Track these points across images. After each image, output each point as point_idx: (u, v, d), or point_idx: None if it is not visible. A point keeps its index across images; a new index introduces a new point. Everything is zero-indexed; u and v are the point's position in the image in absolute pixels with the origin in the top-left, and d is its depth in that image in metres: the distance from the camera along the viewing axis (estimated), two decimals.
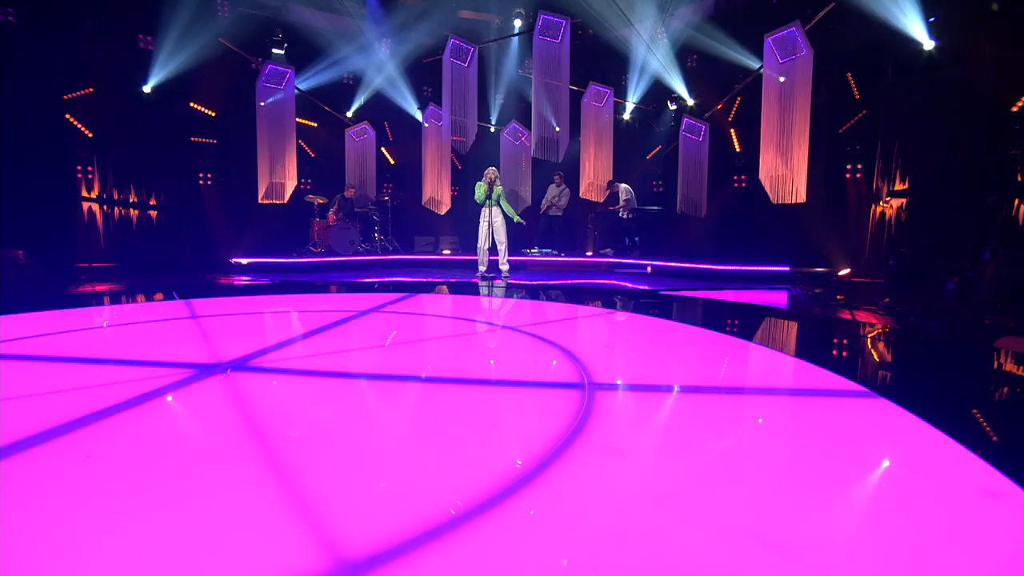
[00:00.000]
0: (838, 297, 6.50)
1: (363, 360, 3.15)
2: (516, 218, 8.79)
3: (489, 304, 5.59)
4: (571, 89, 10.49)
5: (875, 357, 3.62)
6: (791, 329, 4.75)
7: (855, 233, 8.29)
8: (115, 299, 5.81)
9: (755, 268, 8.70)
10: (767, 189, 8.50)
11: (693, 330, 4.46)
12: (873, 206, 7.58)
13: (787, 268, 8.47)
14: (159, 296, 5.99)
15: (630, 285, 8.20)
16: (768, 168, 8.41)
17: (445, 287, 7.56)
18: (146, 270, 8.84)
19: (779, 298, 6.89)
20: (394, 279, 8.71)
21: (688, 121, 10.43)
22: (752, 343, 3.87)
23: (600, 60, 11.93)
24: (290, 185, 10.20)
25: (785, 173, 8.34)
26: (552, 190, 11.63)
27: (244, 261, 9.53)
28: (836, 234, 8.57)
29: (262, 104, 10.17)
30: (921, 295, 5.47)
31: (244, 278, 8.52)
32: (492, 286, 7.73)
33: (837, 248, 8.35)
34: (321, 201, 10.73)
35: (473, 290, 7.24)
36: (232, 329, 3.96)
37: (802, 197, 8.09)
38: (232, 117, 10.41)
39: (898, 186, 7.26)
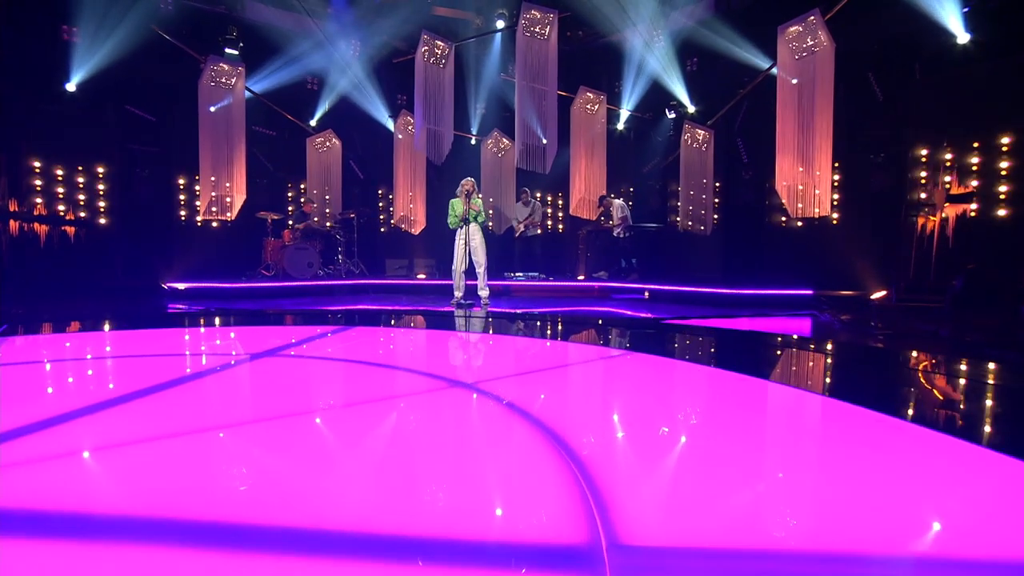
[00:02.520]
0: (873, 324, 5.64)
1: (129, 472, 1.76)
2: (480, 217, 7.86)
3: (451, 342, 4.60)
4: (559, 95, 9.75)
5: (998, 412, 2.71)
6: (864, 374, 3.83)
7: (890, 250, 7.49)
8: None
9: (772, 292, 7.84)
10: (785, 201, 7.71)
11: (744, 384, 3.39)
12: (922, 218, 6.79)
13: (809, 291, 7.63)
14: None
15: (631, 313, 7.29)
16: (785, 177, 7.64)
17: (407, 317, 6.60)
18: (43, 296, 7.73)
19: (809, 327, 6.01)
20: (352, 307, 7.72)
21: (690, 129, 9.70)
22: (834, 400, 2.94)
23: (591, 64, 11.26)
24: (239, 199, 9.25)
25: (806, 183, 7.56)
26: (520, 209, 10.73)
27: (181, 286, 8.50)
28: (866, 251, 7.76)
29: (212, 109, 9.28)
30: (990, 320, 4.63)
31: (179, 305, 7.49)
32: (468, 315, 6.79)
33: (867, 267, 7.53)
34: (275, 218, 9.77)
35: (440, 321, 6.30)
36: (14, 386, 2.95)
37: (826, 209, 7.29)
38: (178, 122, 9.47)
39: (955, 190, 6.45)
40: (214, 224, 10.28)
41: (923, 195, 7.02)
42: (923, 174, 7.42)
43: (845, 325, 5.64)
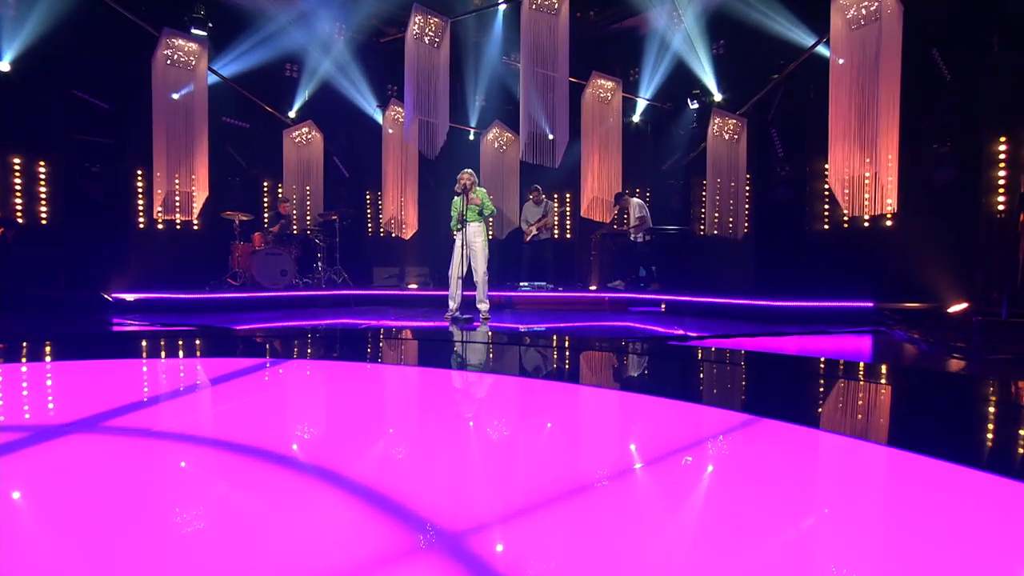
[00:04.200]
0: (965, 344, 4.58)
1: None
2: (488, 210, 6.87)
3: (426, 391, 3.21)
4: (570, 82, 8.76)
5: None
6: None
7: (965, 255, 6.46)
8: None
9: (823, 304, 6.80)
10: (840, 199, 6.68)
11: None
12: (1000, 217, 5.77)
13: (869, 303, 6.59)
14: None
15: (662, 329, 6.24)
16: (839, 171, 6.62)
17: (383, 341, 5.56)
18: None
19: (891, 349, 4.97)
20: (321, 323, 6.68)
21: (719, 118, 8.70)
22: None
23: (604, 49, 10.29)
24: (200, 197, 8.20)
25: (863, 175, 6.54)
26: (531, 209, 9.69)
27: (129, 297, 7.45)
28: (932, 257, 6.73)
29: (175, 97, 8.26)
30: None
31: (114, 320, 6.44)
32: (463, 337, 5.74)
33: (938, 275, 6.49)
34: (244, 218, 8.73)
35: (424, 347, 5.27)
36: None
37: (892, 205, 6.26)
38: (136, 111, 8.43)
39: None
40: (177, 226, 9.24)
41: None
42: (1001, 167, 6.42)
43: (939, 346, 4.59)
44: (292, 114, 10.35)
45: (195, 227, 9.52)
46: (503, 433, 2.32)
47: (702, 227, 9.77)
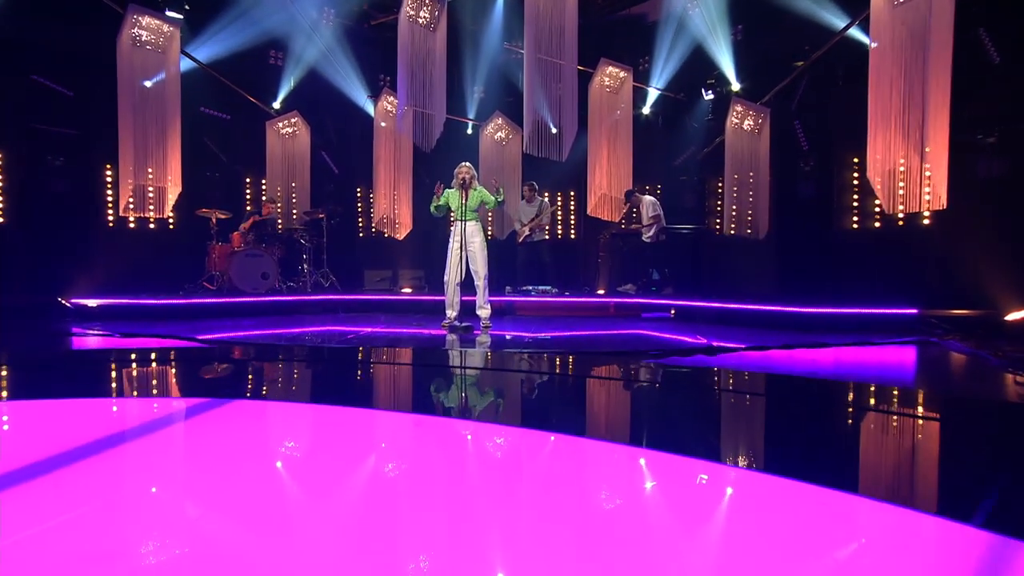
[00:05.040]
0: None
1: None
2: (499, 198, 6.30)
3: (412, 447, 2.40)
4: (575, 69, 8.17)
5: None
6: None
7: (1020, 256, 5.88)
8: None
9: (858, 311, 6.22)
10: (879, 195, 6.09)
11: None
12: None
13: (913, 310, 6.00)
14: None
15: (683, 339, 5.64)
16: (879, 163, 6.03)
17: (368, 357, 4.95)
18: None
19: (951, 364, 4.38)
20: (303, 330, 6.06)
21: (740, 108, 8.10)
22: None
23: (612, 36, 9.69)
24: (172, 193, 7.55)
25: (907, 167, 5.95)
26: (524, 209, 9.06)
27: (92, 303, 6.81)
28: (980, 258, 6.14)
29: (147, 84, 7.62)
30: None
31: (71, 328, 5.79)
32: (462, 347, 5.13)
33: (993, 278, 5.91)
34: (221, 216, 8.10)
35: (417, 367, 4.67)
36: None
37: (941, 201, 5.67)
38: (104, 98, 7.75)
39: None
40: (151, 225, 8.61)
41: None
42: None
43: (1013, 361, 3.99)
44: (276, 105, 9.72)
45: (170, 226, 8.88)
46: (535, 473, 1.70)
47: (718, 225, 9.19)
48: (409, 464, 2.03)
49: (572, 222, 10.83)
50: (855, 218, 7.79)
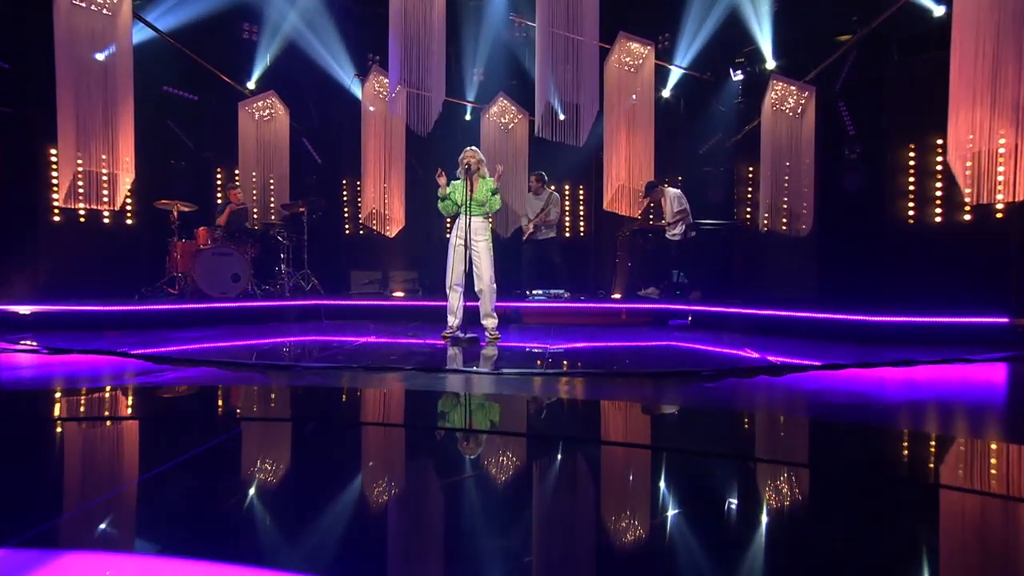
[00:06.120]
0: None
1: None
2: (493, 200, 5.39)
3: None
4: (585, 43, 7.28)
5: None
6: None
7: None
8: None
9: (934, 320, 5.36)
10: (961, 181, 5.23)
11: None
12: None
13: (1002, 319, 5.16)
14: None
15: (737, 352, 4.75)
16: (961, 147, 5.18)
17: (340, 387, 4.03)
18: None
19: None
20: (278, 340, 5.12)
21: (781, 87, 7.23)
22: None
23: (629, 10, 8.78)
24: (123, 181, 6.56)
25: (980, 151, 5.10)
26: (531, 202, 8.15)
27: (24, 310, 5.82)
28: None
29: (99, 57, 6.63)
30: None
31: (17, 346, 4.80)
32: (464, 365, 4.24)
33: None
34: (185, 209, 7.14)
35: (408, 394, 3.76)
36: None
37: None
38: (45, 72, 6.76)
39: None
40: (104, 219, 7.62)
41: None
42: None
43: None
44: (251, 85, 8.75)
45: (128, 220, 7.91)
46: None
47: (749, 217, 8.34)
48: None
49: (581, 218, 9.93)
50: (910, 212, 6.95)
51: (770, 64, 7.86)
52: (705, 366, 4.43)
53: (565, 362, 4.53)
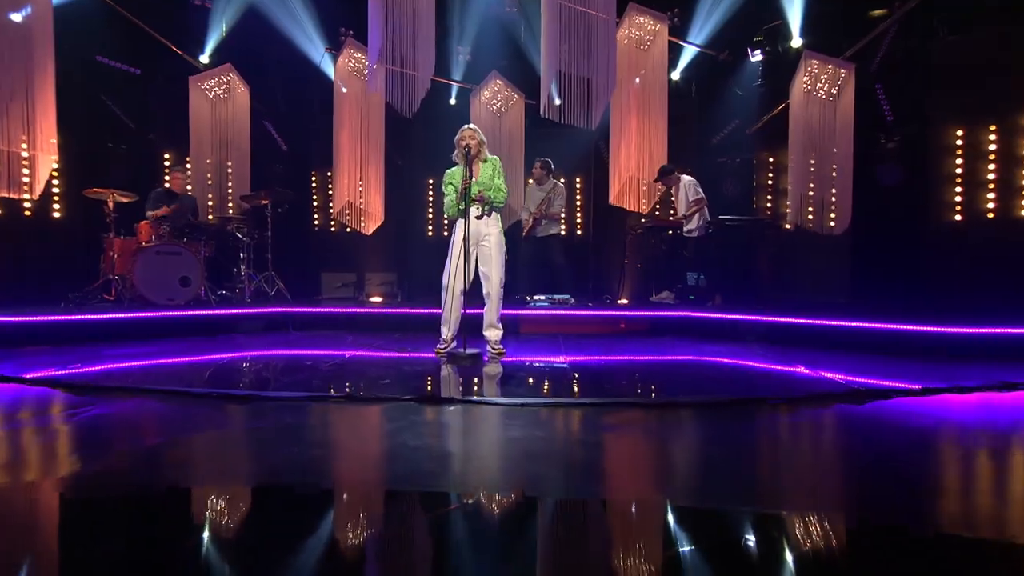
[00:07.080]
0: None
1: None
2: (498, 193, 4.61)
3: None
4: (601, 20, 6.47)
5: None
6: None
7: None
8: None
9: (985, 332, 4.72)
10: None
11: None
12: None
13: None
14: None
15: (785, 368, 3.98)
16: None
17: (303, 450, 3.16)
18: None
19: None
20: (232, 356, 4.20)
21: (815, 65, 6.51)
22: None
23: None
24: (43, 165, 5.48)
25: None
26: (532, 193, 7.39)
27: None
28: None
29: (16, 18, 5.55)
30: None
31: None
32: (473, 381, 3.41)
33: None
34: (122, 199, 6.10)
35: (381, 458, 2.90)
36: None
37: None
38: None
39: None
40: (25, 212, 6.53)
41: None
42: None
43: None
44: (204, 59, 7.69)
45: (55, 214, 6.83)
46: None
47: (769, 211, 7.66)
48: None
49: (578, 212, 9.09)
50: (958, 208, 6.32)
51: (795, 42, 7.16)
52: (770, 390, 3.67)
53: (604, 386, 3.74)
